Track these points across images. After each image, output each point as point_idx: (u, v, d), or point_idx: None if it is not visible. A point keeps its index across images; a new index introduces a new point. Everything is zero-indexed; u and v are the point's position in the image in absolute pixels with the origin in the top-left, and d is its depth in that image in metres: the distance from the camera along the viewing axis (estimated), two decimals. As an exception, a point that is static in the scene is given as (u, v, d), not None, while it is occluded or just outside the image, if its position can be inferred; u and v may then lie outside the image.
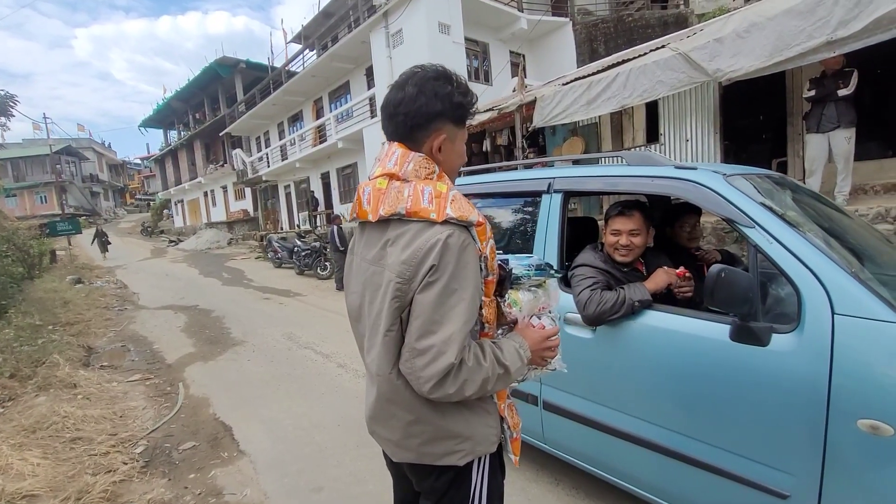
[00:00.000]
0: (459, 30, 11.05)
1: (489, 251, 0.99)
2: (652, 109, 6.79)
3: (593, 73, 6.09)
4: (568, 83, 6.29)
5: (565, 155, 8.07)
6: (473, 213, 0.95)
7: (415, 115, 0.98)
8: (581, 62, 11.27)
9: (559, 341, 1.14)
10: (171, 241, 25.25)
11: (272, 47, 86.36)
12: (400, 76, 1.03)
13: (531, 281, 1.13)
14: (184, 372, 4.57)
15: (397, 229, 0.96)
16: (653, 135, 6.94)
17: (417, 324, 0.91)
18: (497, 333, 1.09)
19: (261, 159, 20.70)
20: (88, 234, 22.25)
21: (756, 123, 7.09)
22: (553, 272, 1.18)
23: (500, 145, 9.85)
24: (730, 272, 1.37)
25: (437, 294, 0.89)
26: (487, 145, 10.17)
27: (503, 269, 1.08)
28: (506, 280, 1.08)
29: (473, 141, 9.97)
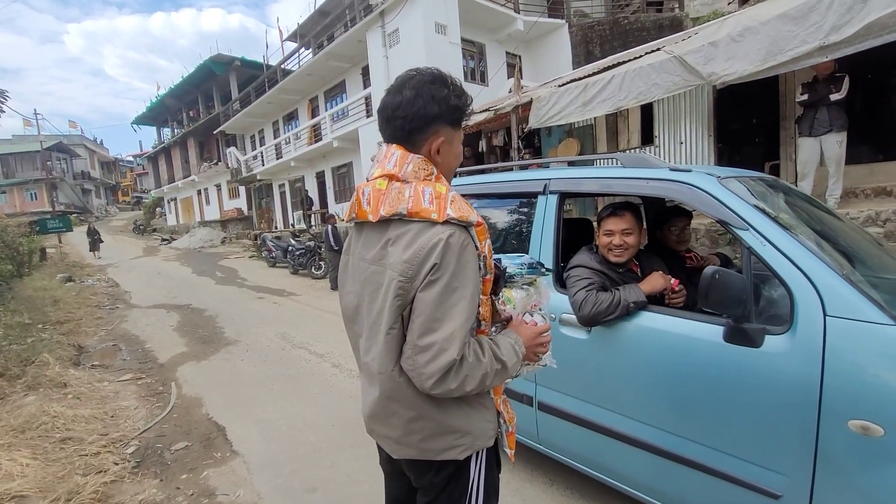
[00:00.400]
0: (456, 30, 11.05)
1: (487, 250, 1.02)
2: (647, 112, 6.83)
3: (589, 75, 6.11)
4: (564, 85, 6.32)
5: (561, 156, 8.10)
6: (473, 214, 0.98)
7: (413, 119, 1.00)
8: (577, 64, 11.31)
9: (551, 337, 1.18)
10: (164, 240, 25.04)
11: (267, 45, 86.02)
12: (396, 79, 1.04)
13: (524, 279, 1.17)
14: (176, 371, 4.53)
15: (398, 229, 0.98)
16: (647, 137, 6.98)
17: (420, 321, 0.93)
18: (491, 330, 1.12)
19: (255, 158, 20.57)
20: (79, 232, 22.02)
21: (749, 126, 7.15)
22: (544, 271, 1.23)
23: (496, 146, 9.86)
24: (723, 274, 1.39)
25: (439, 292, 0.91)
26: (483, 146, 10.19)
27: (498, 268, 1.10)
28: (500, 278, 1.10)
29: (469, 142, 9.98)
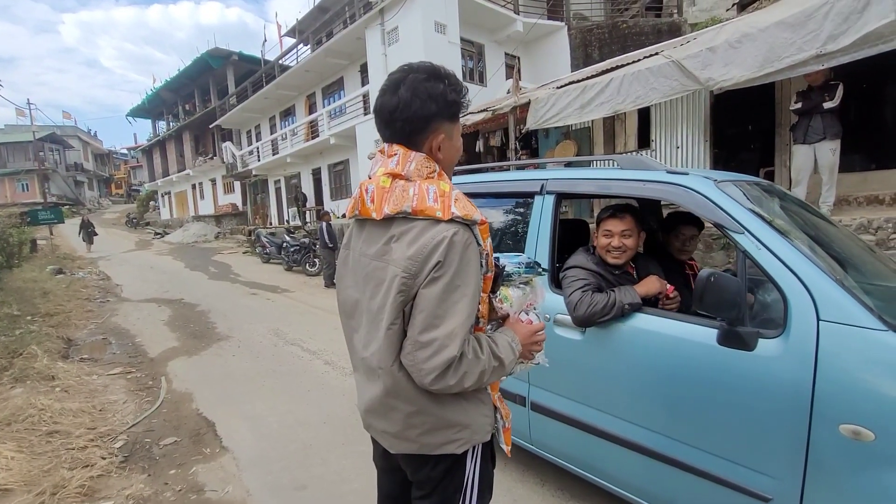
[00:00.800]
0: (455, 30, 11.05)
1: (489, 249, 1.03)
2: (644, 116, 6.86)
3: (587, 78, 6.13)
4: (562, 87, 6.33)
5: (558, 157, 8.11)
6: (477, 213, 0.99)
7: (411, 121, 1.00)
8: (575, 66, 11.34)
9: (545, 336, 1.19)
10: (157, 234, 24.84)
11: (266, 40, 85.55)
12: (390, 77, 1.04)
13: (521, 278, 1.18)
14: (167, 366, 4.49)
15: (402, 226, 0.99)
16: (644, 141, 7.01)
17: (421, 317, 0.94)
18: (487, 328, 1.13)
19: (251, 153, 20.46)
20: (71, 224, 21.78)
21: (745, 133, 7.21)
22: (541, 270, 1.23)
23: (493, 146, 9.86)
24: (719, 277, 1.39)
25: (442, 289, 0.93)
26: (480, 146, 10.18)
27: (497, 267, 1.11)
28: (498, 277, 1.11)
29: (466, 142, 9.94)
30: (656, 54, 5.52)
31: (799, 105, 4.73)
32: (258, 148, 19.72)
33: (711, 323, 1.50)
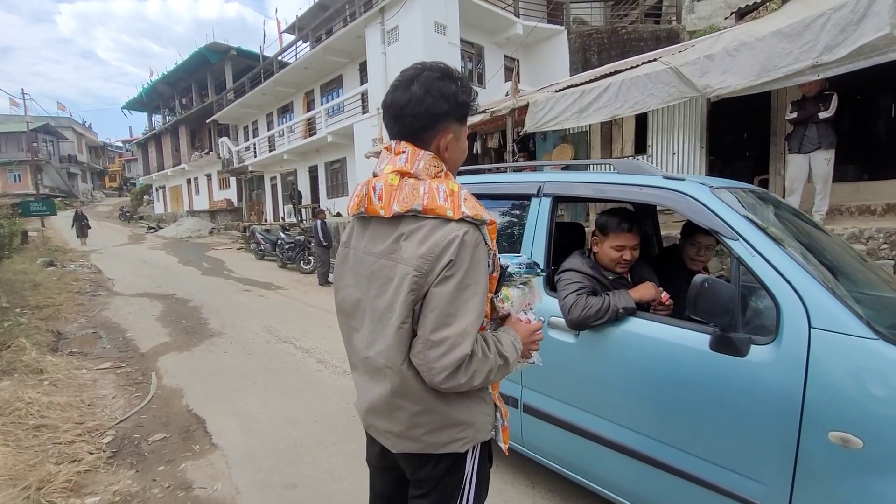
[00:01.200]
0: (455, 31, 11.06)
1: (495, 249, 1.05)
2: (641, 121, 6.89)
3: (586, 82, 6.15)
4: (560, 90, 6.34)
5: (555, 160, 8.13)
6: (486, 213, 1.00)
7: (422, 117, 1.01)
8: (574, 70, 11.39)
9: (542, 336, 1.21)
10: (151, 228, 24.63)
11: (265, 36, 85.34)
12: (403, 74, 1.04)
13: (521, 278, 1.19)
14: (157, 361, 4.45)
15: (411, 224, 0.99)
16: (641, 146, 7.05)
17: (433, 316, 0.94)
18: (488, 328, 1.13)
19: (248, 149, 20.36)
20: (64, 217, 21.57)
21: (741, 141, 7.27)
22: (540, 271, 1.25)
23: (491, 148, 9.88)
24: (713, 283, 1.40)
25: (454, 288, 0.93)
26: (478, 147, 10.19)
27: (501, 266, 1.12)
28: (501, 277, 1.12)
29: (464, 142, 9.97)
30: (655, 60, 5.54)
31: (794, 114, 4.78)
32: (255, 144, 19.63)
33: (704, 328, 1.51)
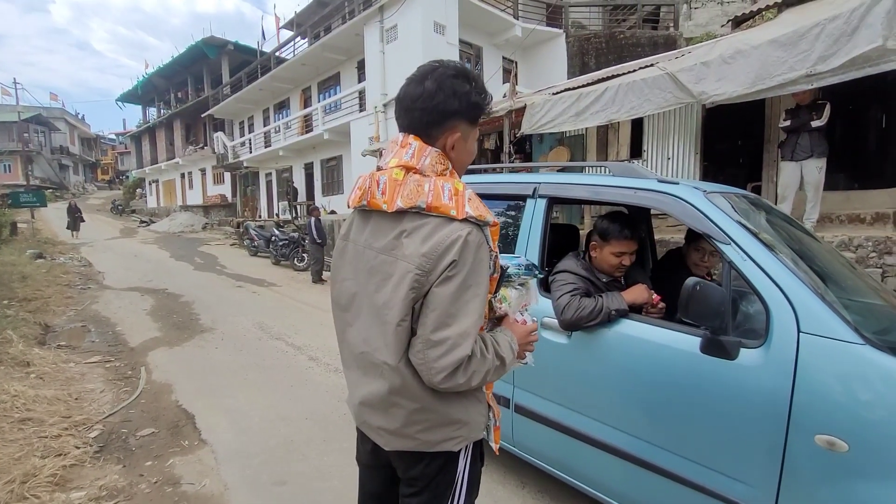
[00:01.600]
0: (454, 31, 11.06)
1: (497, 251, 1.04)
2: (637, 126, 6.93)
3: (583, 86, 6.17)
4: (558, 93, 6.37)
5: (551, 162, 8.16)
6: (489, 214, 0.99)
7: (431, 112, 1.00)
8: (572, 74, 11.43)
9: (538, 337, 1.21)
10: (143, 222, 24.40)
11: (263, 32, 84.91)
12: (419, 69, 1.04)
13: (519, 279, 1.19)
14: (147, 356, 4.42)
15: (414, 221, 0.98)
16: (636, 151, 7.08)
17: (434, 316, 0.93)
18: (485, 328, 1.13)
19: (243, 144, 20.22)
20: (54, 208, 21.30)
21: (734, 147, 7.33)
22: (537, 273, 1.26)
23: (487, 149, 9.89)
24: (704, 286, 1.41)
25: (456, 288, 0.93)
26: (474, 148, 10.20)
27: (501, 268, 1.11)
28: (501, 278, 1.12)
29: (461, 143, 9.98)
30: (652, 66, 5.57)
31: (788, 122, 4.83)
32: (250, 139, 19.50)
33: (695, 331, 1.52)
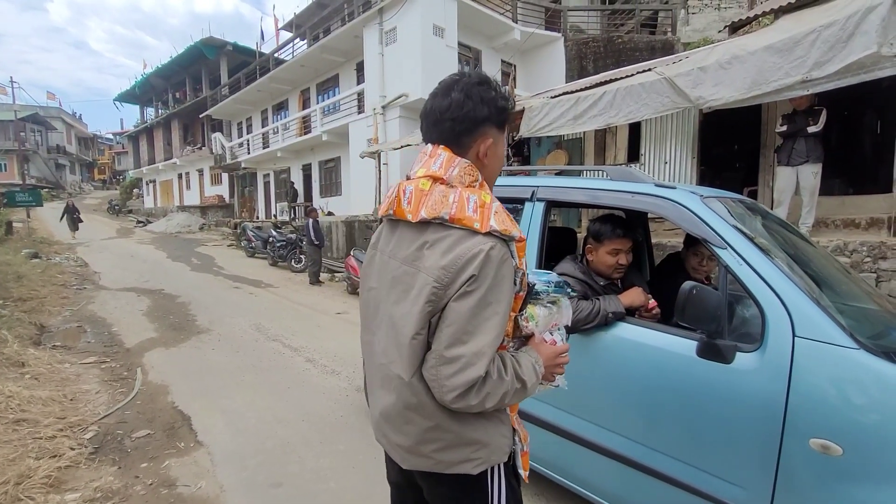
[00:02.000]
0: (453, 34, 11.10)
1: (524, 267, 1.01)
2: (634, 130, 6.97)
3: (581, 90, 6.20)
4: (556, 97, 6.39)
5: (549, 165, 8.19)
6: (515, 229, 0.95)
7: (462, 121, 0.99)
8: (570, 77, 11.49)
9: (568, 359, 1.14)
10: (140, 222, 24.31)
11: (262, 33, 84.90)
12: (441, 83, 1.03)
13: (548, 297, 1.12)
14: (143, 357, 4.40)
15: (437, 233, 0.95)
16: (634, 155, 7.12)
17: (449, 332, 0.90)
18: (510, 346, 1.08)
19: (241, 145, 20.21)
20: (50, 208, 21.19)
21: (731, 152, 7.38)
22: (570, 291, 1.18)
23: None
24: (700, 290, 1.42)
25: (474, 305, 0.89)
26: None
27: (528, 285, 1.07)
28: (527, 295, 1.07)
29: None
30: (649, 70, 5.61)
31: (784, 128, 4.87)
32: (248, 140, 19.48)
33: (691, 335, 1.53)
